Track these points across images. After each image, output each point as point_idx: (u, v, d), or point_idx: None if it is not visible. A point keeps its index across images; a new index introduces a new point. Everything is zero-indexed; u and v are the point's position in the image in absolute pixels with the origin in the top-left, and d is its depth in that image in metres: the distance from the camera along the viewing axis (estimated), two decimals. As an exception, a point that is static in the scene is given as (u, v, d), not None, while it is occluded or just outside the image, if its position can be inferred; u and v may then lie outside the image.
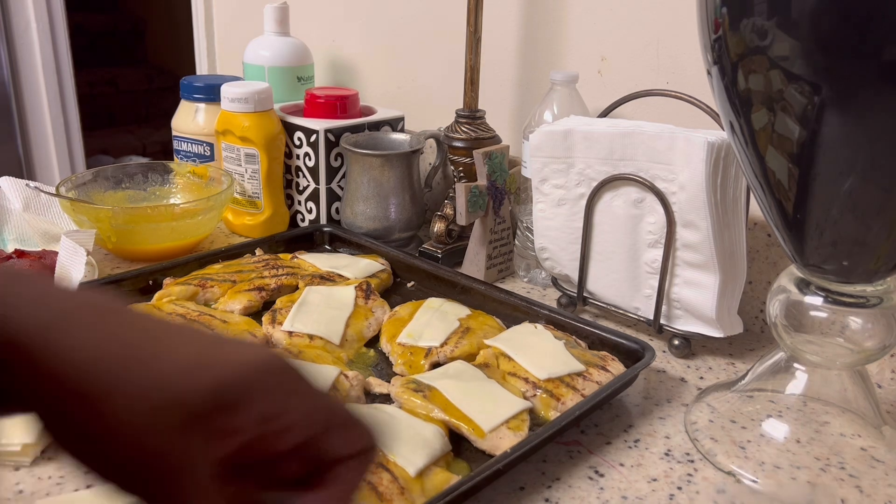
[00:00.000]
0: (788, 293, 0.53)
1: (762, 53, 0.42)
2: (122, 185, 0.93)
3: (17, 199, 0.85)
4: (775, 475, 0.52)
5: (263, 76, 1.01)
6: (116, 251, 0.84)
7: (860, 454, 0.54)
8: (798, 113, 0.43)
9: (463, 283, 0.75)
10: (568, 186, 0.72)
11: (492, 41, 0.93)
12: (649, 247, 0.68)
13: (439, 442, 0.51)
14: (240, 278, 0.75)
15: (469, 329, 0.66)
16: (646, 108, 0.80)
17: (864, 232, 0.46)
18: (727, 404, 0.59)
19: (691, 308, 0.67)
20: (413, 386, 0.57)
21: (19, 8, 1.78)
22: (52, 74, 1.85)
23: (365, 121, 0.92)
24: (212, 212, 0.84)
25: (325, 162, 0.89)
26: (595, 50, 0.85)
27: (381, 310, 0.71)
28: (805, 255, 0.50)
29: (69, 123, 1.92)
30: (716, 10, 0.44)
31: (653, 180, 0.65)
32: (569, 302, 0.77)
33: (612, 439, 0.57)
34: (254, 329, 0.66)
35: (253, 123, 0.88)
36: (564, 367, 0.59)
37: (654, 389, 0.64)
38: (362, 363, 0.65)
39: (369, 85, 1.14)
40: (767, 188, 0.48)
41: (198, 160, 0.99)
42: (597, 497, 0.51)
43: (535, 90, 0.92)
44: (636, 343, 0.63)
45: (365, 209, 0.86)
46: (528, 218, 0.81)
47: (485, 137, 0.86)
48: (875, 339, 0.51)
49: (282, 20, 1.02)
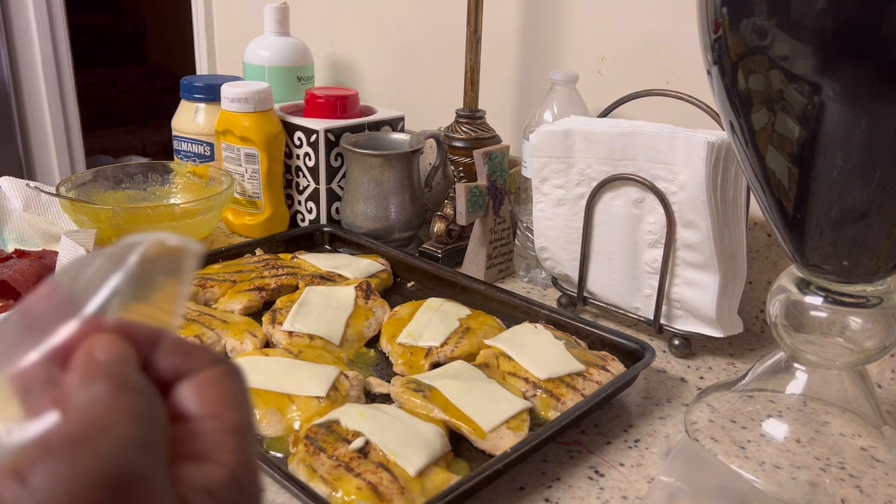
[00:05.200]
0: (788, 293, 0.53)
1: (762, 53, 0.42)
2: (122, 185, 0.93)
3: (17, 199, 0.85)
4: (775, 475, 0.52)
5: (263, 76, 1.01)
6: (116, 251, 0.84)
7: (860, 454, 0.54)
8: (798, 113, 0.43)
9: (463, 283, 0.75)
10: (568, 186, 0.72)
11: (492, 41, 0.93)
12: (649, 247, 0.68)
13: (439, 442, 0.51)
14: (240, 278, 0.75)
15: (469, 329, 0.66)
16: (646, 108, 0.80)
17: (864, 232, 0.46)
18: (727, 404, 0.59)
19: (691, 308, 0.67)
20: (413, 386, 0.57)
21: (19, 8, 1.78)
22: (52, 74, 1.85)
23: (365, 121, 0.92)
24: (212, 212, 0.84)
25: (325, 162, 0.89)
26: (595, 50, 0.85)
27: (382, 310, 0.71)
28: (805, 255, 0.50)
29: (69, 123, 1.92)
30: (716, 10, 0.44)
31: (653, 180, 0.65)
32: (569, 302, 0.76)
33: (612, 439, 0.57)
34: (254, 329, 0.66)
35: (253, 123, 0.88)
36: (564, 367, 0.59)
37: (654, 389, 0.64)
38: (362, 363, 0.65)
39: (369, 85, 1.14)
40: (767, 188, 0.48)
41: (198, 160, 0.99)
42: (597, 497, 0.51)
43: (535, 90, 0.92)
44: (636, 343, 0.63)
45: (365, 209, 0.86)
46: (528, 218, 0.81)
47: (485, 137, 0.86)
48: (875, 339, 0.51)
49: (282, 20, 1.02)
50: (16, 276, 0.69)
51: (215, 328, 0.65)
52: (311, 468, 0.48)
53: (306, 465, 0.48)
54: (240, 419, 0.22)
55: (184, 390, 0.22)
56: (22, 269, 0.70)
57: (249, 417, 0.23)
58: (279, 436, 0.53)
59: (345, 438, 0.50)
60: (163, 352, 0.23)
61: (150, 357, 0.23)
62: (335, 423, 0.51)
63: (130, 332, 0.22)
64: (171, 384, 0.23)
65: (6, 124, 1.83)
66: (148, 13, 3.38)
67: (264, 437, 0.53)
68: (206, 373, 0.23)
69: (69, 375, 0.21)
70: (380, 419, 0.52)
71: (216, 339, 0.64)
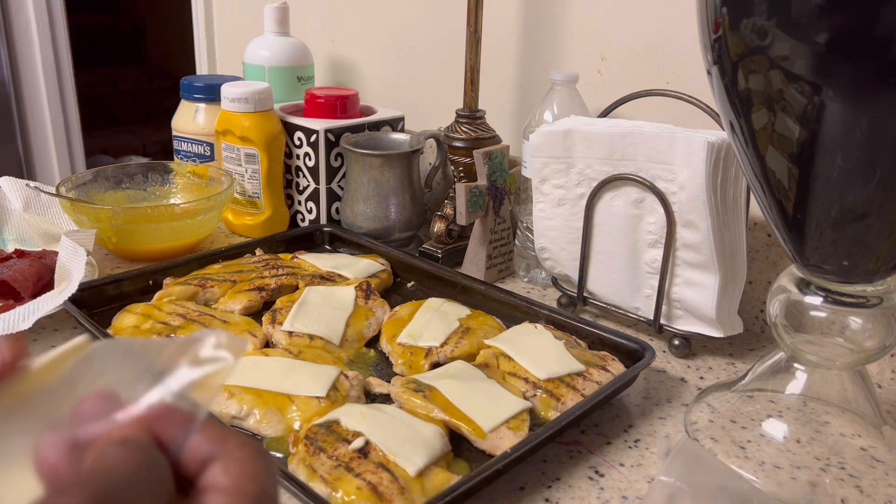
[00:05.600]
0: (788, 293, 0.53)
1: (762, 53, 0.42)
2: (122, 185, 0.93)
3: (17, 199, 0.85)
4: (775, 475, 0.52)
5: (263, 76, 1.01)
6: (116, 251, 0.84)
7: (860, 454, 0.54)
8: (798, 113, 0.43)
9: (463, 283, 0.75)
10: (568, 186, 0.72)
11: (492, 41, 0.93)
12: (649, 247, 0.68)
13: (439, 442, 0.51)
14: (240, 278, 0.75)
15: (469, 329, 0.66)
16: (646, 108, 0.80)
17: (864, 232, 0.46)
18: (727, 404, 0.59)
19: (691, 308, 0.67)
20: (413, 386, 0.57)
21: (19, 8, 1.78)
22: (52, 74, 1.85)
23: (365, 121, 0.92)
24: (212, 212, 0.84)
25: (325, 162, 0.89)
26: (595, 50, 0.85)
27: (382, 310, 0.71)
28: (805, 255, 0.50)
29: (69, 123, 1.92)
30: (716, 10, 0.44)
31: (653, 180, 0.65)
32: (569, 302, 0.77)
33: (612, 439, 0.57)
34: (254, 329, 0.66)
35: (253, 123, 0.88)
36: (564, 367, 0.59)
37: (654, 389, 0.64)
38: (362, 363, 0.65)
39: (369, 85, 1.14)
40: (767, 188, 0.48)
41: (198, 160, 0.99)
42: (597, 497, 0.51)
43: (535, 90, 0.92)
44: (636, 343, 0.63)
45: (365, 209, 0.86)
46: (528, 218, 0.81)
47: (485, 137, 0.86)
48: (875, 339, 0.51)
49: (282, 20, 1.02)
50: (16, 276, 0.69)
51: (215, 328, 0.65)
52: (311, 468, 0.48)
53: (306, 465, 0.48)
54: (258, 489, 0.25)
55: (215, 467, 0.25)
56: (22, 269, 0.70)
57: (270, 488, 0.26)
58: (279, 436, 0.53)
59: (345, 438, 0.50)
60: (200, 438, 0.26)
61: (183, 437, 0.26)
62: (335, 423, 0.51)
63: (163, 415, 0.25)
64: (207, 465, 0.26)
65: (6, 124, 1.83)
66: (148, 13, 3.38)
67: (264, 437, 0.54)
68: (237, 453, 0.26)
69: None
70: (380, 419, 0.52)
71: (216, 339, 0.64)
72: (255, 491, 0.25)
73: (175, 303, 0.69)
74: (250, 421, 0.54)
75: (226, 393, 0.55)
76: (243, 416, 0.54)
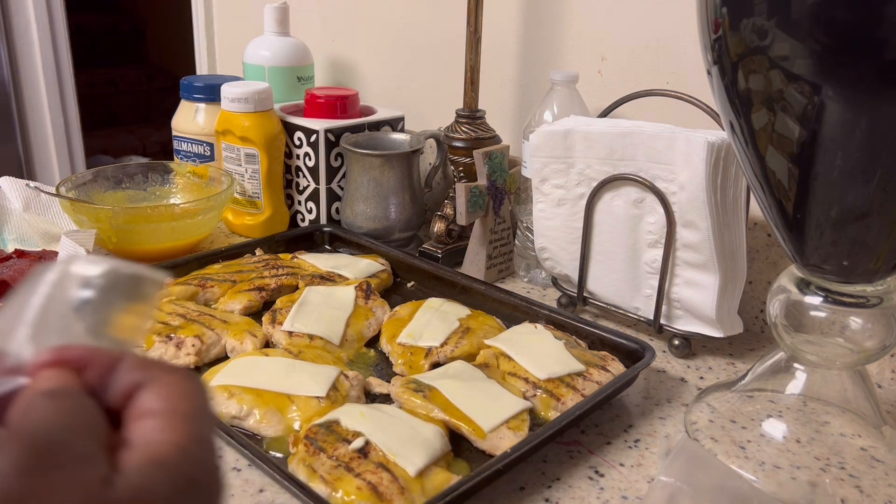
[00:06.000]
0: (788, 293, 0.53)
1: (762, 53, 0.42)
2: (122, 185, 0.93)
3: (17, 199, 0.85)
4: (775, 475, 0.52)
5: (263, 76, 1.01)
6: (116, 251, 0.84)
7: (860, 454, 0.54)
8: (798, 113, 0.43)
9: (463, 283, 0.75)
10: (568, 186, 0.72)
11: (492, 41, 0.93)
12: (649, 247, 0.68)
13: (439, 442, 0.51)
14: (240, 278, 0.75)
15: (469, 329, 0.66)
16: (646, 108, 0.80)
17: (864, 232, 0.46)
18: (727, 404, 0.59)
19: (691, 308, 0.67)
20: (413, 386, 0.57)
21: (19, 8, 1.78)
22: (52, 74, 1.85)
23: (365, 121, 0.92)
24: (212, 212, 0.84)
25: (325, 162, 0.89)
26: (595, 50, 0.85)
27: (382, 310, 0.71)
28: (805, 255, 0.50)
29: (69, 123, 1.92)
30: (716, 10, 0.44)
31: (653, 180, 0.65)
32: (569, 302, 0.77)
33: (612, 439, 0.57)
34: (254, 329, 0.66)
35: (253, 123, 0.88)
36: (564, 367, 0.59)
37: (654, 389, 0.64)
38: (362, 363, 0.65)
39: (369, 85, 1.14)
40: (767, 188, 0.48)
41: (198, 160, 0.99)
42: (597, 497, 0.51)
43: (535, 90, 0.92)
44: (636, 343, 0.63)
45: (365, 209, 0.86)
46: (528, 218, 0.81)
47: (485, 137, 0.86)
48: (875, 339, 0.51)
49: (282, 20, 1.02)
50: (16, 276, 0.69)
51: (215, 328, 0.65)
52: (311, 468, 0.48)
53: (306, 465, 0.48)
54: (192, 407, 0.25)
55: (145, 394, 0.25)
56: (22, 269, 0.70)
57: (204, 407, 0.26)
58: (279, 436, 0.53)
59: (345, 438, 0.50)
60: (124, 369, 0.26)
61: (109, 376, 0.26)
62: (335, 423, 0.51)
63: (84, 357, 0.26)
64: (135, 394, 0.26)
65: (6, 124, 1.83)
66: (148, 13, 3.38)
67: (264, 437, 0.54)
68: (165, 378, 0.26)
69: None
70: (380, 419, 0.52)
71: (216, 340, 0.64)
72: (188, 410, 0.25)
73: (175, 303, 0.69)
74: (250, 421, 0.54)
75: (226, 393, 0.55)
76: (243, 416, 0.54)
